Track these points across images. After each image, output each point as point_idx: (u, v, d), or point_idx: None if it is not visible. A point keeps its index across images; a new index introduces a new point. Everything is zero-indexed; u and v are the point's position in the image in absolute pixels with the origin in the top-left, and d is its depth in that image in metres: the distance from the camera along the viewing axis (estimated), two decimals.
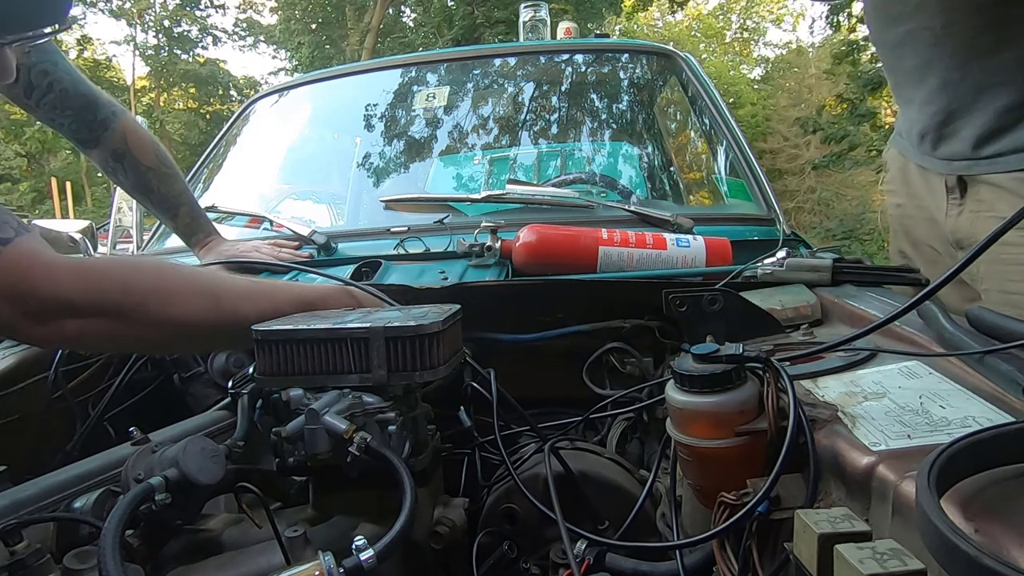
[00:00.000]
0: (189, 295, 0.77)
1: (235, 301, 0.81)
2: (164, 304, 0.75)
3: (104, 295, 0.72)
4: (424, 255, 1.29)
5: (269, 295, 0.85)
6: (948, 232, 1.08)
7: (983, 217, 1.01)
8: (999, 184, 0.97)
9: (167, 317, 0.75)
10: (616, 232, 1.19)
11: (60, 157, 20.54)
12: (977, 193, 1.01)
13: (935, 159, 1.08)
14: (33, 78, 1.15)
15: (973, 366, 0.61)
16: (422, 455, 0.77)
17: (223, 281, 0.83)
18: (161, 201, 1.33)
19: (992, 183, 0.99)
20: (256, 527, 0.69)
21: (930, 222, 1.14)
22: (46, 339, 0.74)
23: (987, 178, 0.99)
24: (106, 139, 1.26)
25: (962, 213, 1.05)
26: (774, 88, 19.78)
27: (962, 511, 0.41)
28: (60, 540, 0.65)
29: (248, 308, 0.80)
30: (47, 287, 0.69)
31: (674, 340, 0.98)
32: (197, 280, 0.80)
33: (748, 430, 0.57)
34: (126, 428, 0.76)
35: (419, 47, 14.72)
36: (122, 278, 0.74)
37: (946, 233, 1.09)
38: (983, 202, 1.01)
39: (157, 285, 0.76)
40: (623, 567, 0.71)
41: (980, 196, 1.01)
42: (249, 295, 0.83)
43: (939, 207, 1.10)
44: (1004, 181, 0.97)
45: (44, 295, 0.69)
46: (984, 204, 1.01)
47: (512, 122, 1.92)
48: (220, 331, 0.81)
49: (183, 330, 0.77)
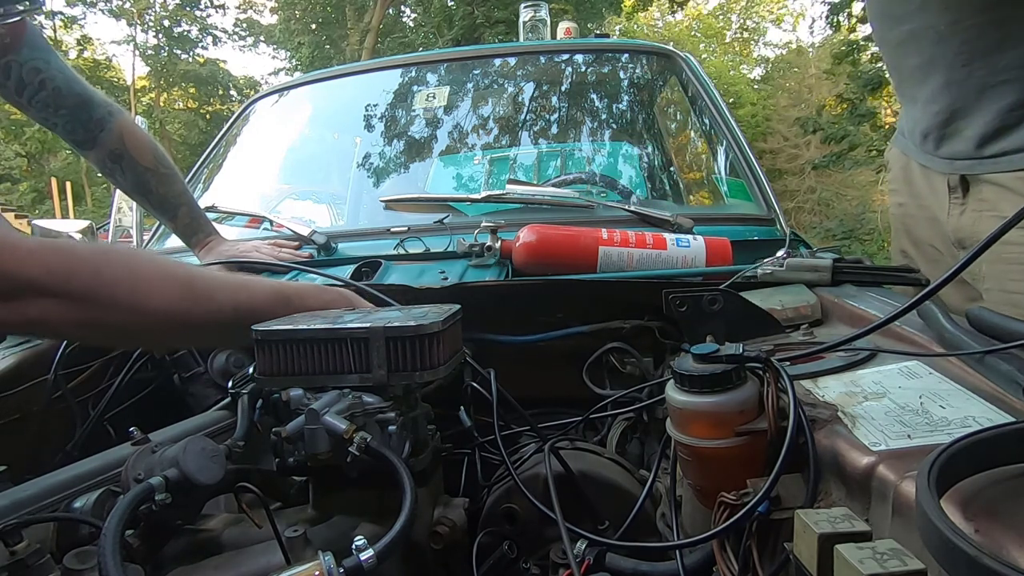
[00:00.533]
0: (160, 280, 0.74)
1: (209, 289, 0.78)
2: (135, 289, 0.72)
3: (73, 276, 0.68)
4: (424, 255, 1.29)
5: (245, 285, 0.82)
6: (950, 232, 1.08)
7: (985, 216, 1.01)
8: (1002, 183, 0.97)
9: (138, 302, 0.72)
10: (616, 232, 1.19)
11: (60, 157, 20.54)
12: (980, 192, 1.01)
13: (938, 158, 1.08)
14: (24, 75, 1.13)
15: (973, 366, 0.61)
16: (422, 455, 0.77)
17: (197, 270, 0.80)
18: (160, 202, 1.32)
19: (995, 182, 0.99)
20: (256, 527, 0.68)
21: (932, 221, 1.14)
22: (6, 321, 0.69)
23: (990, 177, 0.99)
24: (103, 140, 1.25)
25: (964, 212, 1.05)
26: (774, 88, 19.78)
27: (962, 511, 0.41)
28: (60, 540, 0.65)
29: (223, 297, 0.78)
30: (11, 265, 0.65)
31: (674, 340, 0.98)
32: (169, 267, 0.77)
33: (748, 430, 0.57)
34: (126, 428, 0.76)
35: (419, 47, 14.73)
36: (93, 261, 0.71)
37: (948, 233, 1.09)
38: (986, 201, 1.01)
39: (129, 269, 0.73)
40: (623, 567, 0.71)
41: (983, 195, 1.01)
42: (225, 284, 0.80)
43: (941, 206, 1.10)
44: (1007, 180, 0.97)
45: (7, 272, 0.65)
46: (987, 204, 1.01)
47: (512, 122, 1.92)
48: (194, 320, 0.77)
49: (155, 317, 0.73)
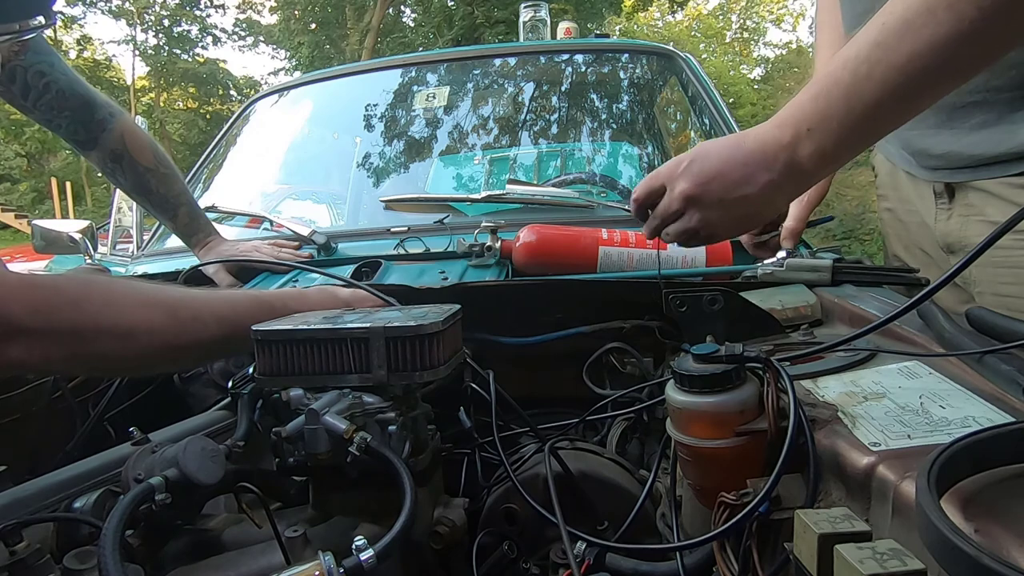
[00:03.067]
0: (143, 308, 0.73)
1: (193, 310, 0.77)
2: (118, 321, 0.70)
3: (55, 312, 0.66)
4: (424, 255, 1.29)
5: (228, 300, 0.83)
6: (939, 236, 1.08)
7: (973, 221, 1.01)
8: (986, 189, 0.97)
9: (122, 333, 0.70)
10: (616, 232, 1.19)
11: (60, 157, 20.56)
12: (965, 198, 1.01)
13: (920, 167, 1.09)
14: (29, 79, 1.14)
15: (973, 366, 0.61)
16: (422, 455, 0.77)
17: (179, 293, 0.80)
18: (160, 202, 1.33)
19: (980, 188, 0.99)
20: (256, 527, 0.68)
21: (921, 226, 1.15)
22: None
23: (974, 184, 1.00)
24: (104, 140, 1.25)
25: (951, 217, 1.05)
26: (774, 88, 19.80)
27: (962, 511, 0.41)
28: (60, 540, 0.65)
29: (207, 316, 0.78)
30: None
31: (674, 340, 0.98)
32: (150, 294, 0.77)
33: (748, 430, 0.57)
34: (126, 428, 0.76)
35: (419, 47, 14.73)
36: (74, 295, 0.69)
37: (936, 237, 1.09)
38: (972, 207, 1.01)
39: (110, 300, 0.71)
40: (623, 567, 0.71)
41: (968, 201, 1.01)
42: (208, 303, 0.80)
43: (928, 211, 1.10)
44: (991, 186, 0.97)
45: None
46: (973, 208, 1.00)
47: (512, 122, 1.92)
48: (181, 342, 0.76)
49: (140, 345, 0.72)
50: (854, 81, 0.67)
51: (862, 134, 0.71)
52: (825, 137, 0.70)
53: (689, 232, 0.82)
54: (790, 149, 0.73)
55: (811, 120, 0.71)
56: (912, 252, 1.21)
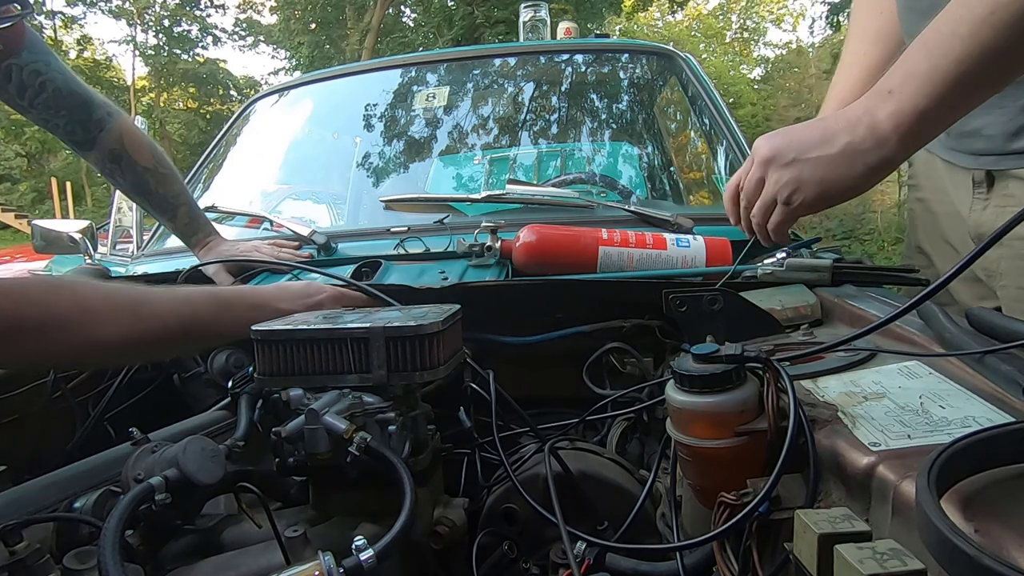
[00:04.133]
0: (109, 309, 0.76)
1: (154, 309, 0.80)
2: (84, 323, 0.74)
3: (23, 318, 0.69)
4: (424, 255, 1.29)
5: (186, 299, 0.85)
6: (971, 227, 1.07)
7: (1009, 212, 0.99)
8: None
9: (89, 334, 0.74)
10: (616, 232, 1.19)
11: (60, 157, 20.55)
12: (1005, 188, 1.00)
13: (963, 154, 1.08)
14: (25, 78, 1.14)
15: (973, 366, 0.61)
16: (422, 455, 0.77)
17: (142, 293, 0.83)
18: (159, 202, 1.32)
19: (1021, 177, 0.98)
20: (256, 527, 0.69)
21: (953, 216, 1.13)
22: None
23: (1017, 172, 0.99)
24: (102, 140, 1.25)
25: (987, 208, 1.04)
26: (774, 88, 19.80)
27: (962, 511, 0.41)
28: (60, 540, 0.65)
29: (167, 314, 0.81)
30: None
31: (674, 340, 0.98)
32: (114, 295, 0.80)
33: (748, 430, 0.57)
34: (126, 428, 0.76)
35: (419, 47, 14.74)
36: (42, 300, 0.72)
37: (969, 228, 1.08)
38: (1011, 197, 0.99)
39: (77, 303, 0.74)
40: (623, 567, 0.71)
41: (1008, 191, 1.00)
42: (168, 301, 0.82)
43: (963, 201, 1.09)
44: None
45: None
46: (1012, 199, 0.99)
47: (512, 122, 1.92)
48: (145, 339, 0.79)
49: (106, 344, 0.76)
50: (939, 39, 0.66)
51: (943, 100, 0.69)
52: (904, 99, 0.70)
53: (770, 202, 0.82)
54: (871, 112, 0.73)
55: (894, 81, 0.72)
56: (936, 245, 1.21)
